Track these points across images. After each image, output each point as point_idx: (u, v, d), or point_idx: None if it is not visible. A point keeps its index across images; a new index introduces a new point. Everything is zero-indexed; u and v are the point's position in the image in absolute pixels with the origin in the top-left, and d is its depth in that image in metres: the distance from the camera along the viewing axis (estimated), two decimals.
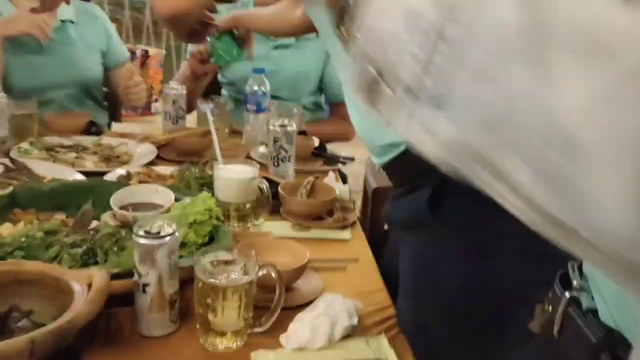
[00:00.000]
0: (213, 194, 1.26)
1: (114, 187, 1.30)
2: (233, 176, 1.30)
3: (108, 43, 2.17)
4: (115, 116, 2.25)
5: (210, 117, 1.37)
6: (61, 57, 2.04)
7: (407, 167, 1.15)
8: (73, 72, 2.06)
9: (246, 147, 1.83)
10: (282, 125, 1.54)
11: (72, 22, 2.09)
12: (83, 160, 1.61)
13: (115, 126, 1.92)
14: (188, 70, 2.02)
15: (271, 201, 1.33)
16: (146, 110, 4.54)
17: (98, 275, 0.89)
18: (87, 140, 1.74)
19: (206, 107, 1.73)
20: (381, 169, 1.25)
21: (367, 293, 1.10)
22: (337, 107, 2.26)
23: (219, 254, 0.96)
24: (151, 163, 1.63)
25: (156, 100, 4.89)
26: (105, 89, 2.22)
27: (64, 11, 2.05)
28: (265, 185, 1.32)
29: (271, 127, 1.55)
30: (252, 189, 1.32)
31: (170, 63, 5.42)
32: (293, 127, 1.55)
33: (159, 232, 0.92)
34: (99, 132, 1.86)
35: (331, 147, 1.91)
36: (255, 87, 1.83)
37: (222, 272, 0.91)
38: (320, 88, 2.24)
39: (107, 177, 1.44)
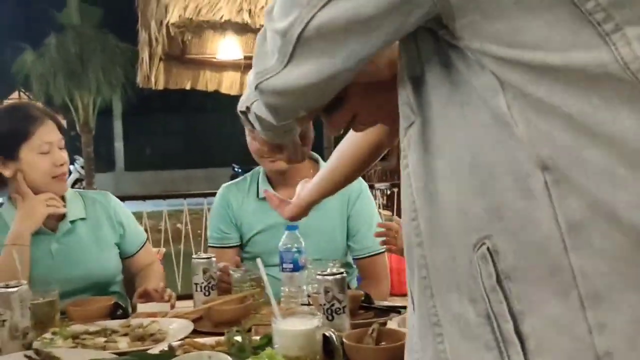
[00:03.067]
0: None
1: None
2: (297, 327, 1.15)
3: (122, 232, 2.00)
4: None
5: (261, 266, 1.25)
6: (73, 262, 1.87)
7: None
8: (87, 275, 1.88)
9: (288, 310, 1.68)
10: (333, 274, 1.42)
11: (82, 219, 1.93)
12: (114, 343, 1.44)
13: (141, 307, 1.77)
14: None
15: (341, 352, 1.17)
16: None
17: None
18: (114, 323, 1.58)
19: (241, 271, 1.62)
20: None
21: None
22: (365, 265, 2.13)
23: None
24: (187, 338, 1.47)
25: None
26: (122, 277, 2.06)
27: (73, 209, 1.92)
28: (333, 333, 1.17)
29: (320, 277, 1.43)
30: (318, 340, 1.17)
31: (170, 262, 5.32)
32: (344, 274, 1.43)
33: None
34: (125, 315, 1.70)
35: None
36: (289, 245, 1.73)
37: None
38: (348, 246, 2.13)
39: None
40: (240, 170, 12.54)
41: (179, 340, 1.43)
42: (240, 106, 0.86)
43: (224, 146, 18.29)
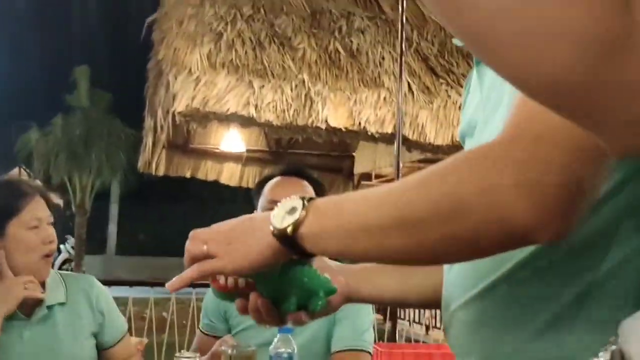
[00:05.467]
0: None
1: None
2: None
3: (102, 321, 1.87)
4: None
5: None
6: (45, 351, 1.75)
7: None
8: None
9: None
10: None
11: (61, 304, 1.81)
12: None
13: None
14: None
15: None
16: None
17: None
18: None
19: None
20: None
21: None
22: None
23: None
24: None
25: None
26: None
27: (53, 294, 1.80)
28: None
29: None
30: None
31: (151, 354, 5.08)
32: None
33: None
34: None
35: None
36: (282, 349, 1.59)
37: None
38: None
39: None
40: None
41: None
42: None
43: None
